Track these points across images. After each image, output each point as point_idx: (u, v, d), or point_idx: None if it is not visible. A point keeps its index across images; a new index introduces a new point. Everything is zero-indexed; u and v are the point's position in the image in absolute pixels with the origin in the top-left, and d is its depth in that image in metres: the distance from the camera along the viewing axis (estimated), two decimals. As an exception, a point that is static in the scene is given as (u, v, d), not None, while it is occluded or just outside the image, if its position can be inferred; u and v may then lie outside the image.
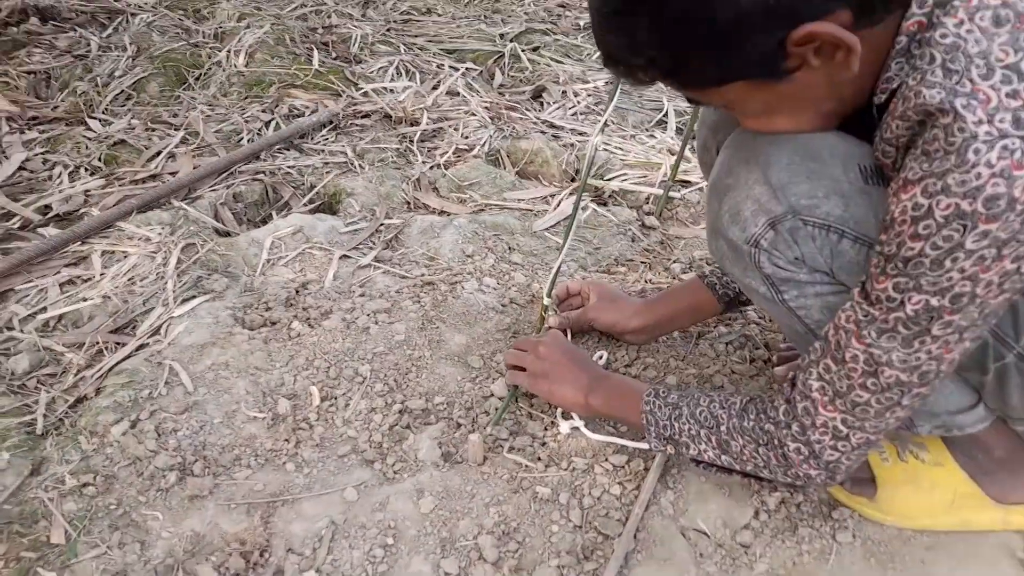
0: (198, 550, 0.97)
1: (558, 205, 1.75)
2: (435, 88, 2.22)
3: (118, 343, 1.28)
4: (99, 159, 1.76)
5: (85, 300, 1.36)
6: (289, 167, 1.80)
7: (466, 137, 1.99)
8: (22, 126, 1.89)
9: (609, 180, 1.84)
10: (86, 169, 1.73)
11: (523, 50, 2.47)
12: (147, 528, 0.99)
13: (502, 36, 2.58)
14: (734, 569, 0.98)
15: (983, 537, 1.00)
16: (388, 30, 2.59)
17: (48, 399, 1.17)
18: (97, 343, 1.27)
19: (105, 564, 0.95)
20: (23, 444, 1.09)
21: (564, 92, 2.29)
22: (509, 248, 1.58)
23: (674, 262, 1.60)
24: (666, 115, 2.21)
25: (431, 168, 1.87)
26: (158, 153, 1.79)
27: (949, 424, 0.90)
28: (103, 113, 1.98)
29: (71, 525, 0.99)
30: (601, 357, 1.29)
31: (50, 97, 2.09)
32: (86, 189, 1.65)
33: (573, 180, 1.91)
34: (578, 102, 2.23)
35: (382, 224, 1.64)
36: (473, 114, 2.08)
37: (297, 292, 1.41)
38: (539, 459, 1.11)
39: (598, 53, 0.74)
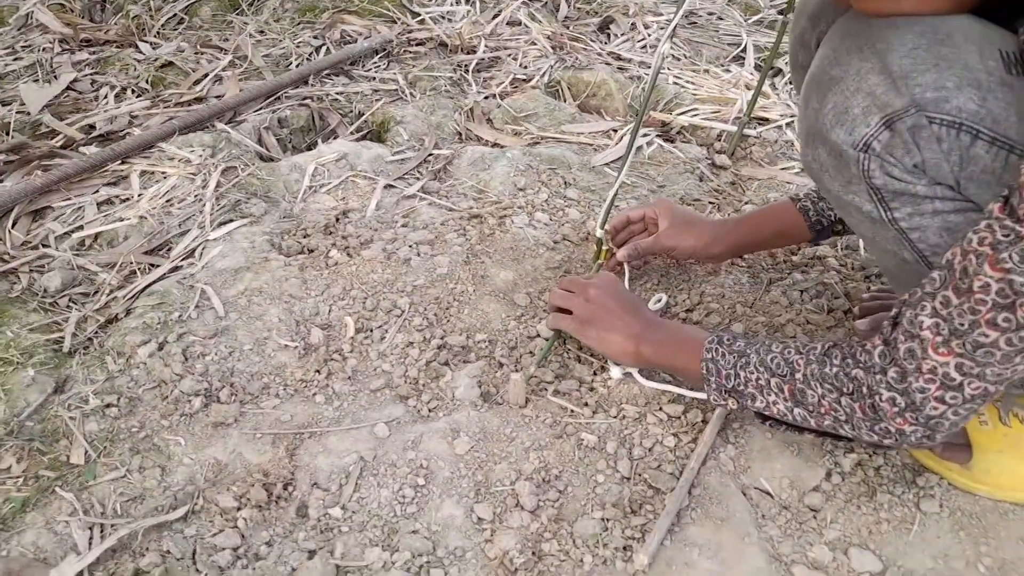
0: (219, 479, 0.92)
1: (620, 139, 1.62)
2: (495, 17, 2.09)
3: (152, 264, 1.23)
4: (146, 81, 1.71)
5: (122, 220, 1.31)
6: (338, 93, 1.71)
7: (524, 67, 1.87)
8: (73, 47, 1.86)
9: (679, 115, 1.69)
10: (133, 91, 1.68)
11: (590, -21, 2.31)
12: (168, 453, 0.94)
13: (568, -36, 2.41)
14: (800, 534, 0.87)
15: (1097, 517, 0.86)
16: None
17: (79, 318, 1.13)
18: (131, 263, 1.23)
19: (123, 488, 0.90)
20: (49, 362, 1.05)
21: (633, 24, 2.13)
22: (565, 183, 1.47)
23: (746, 203, 1.46)
24: (744, 50, 2.04)
25: (486, 98, 1.76)
26: (205, 76, 1.72)
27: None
28: (154, 36, 1.93)
29: (91, 446, 0.95)
30: (660, 300, 1.18)
31: (104, 20, 2.05)
32: (131, 110, 1.60)
33: (639, 115, 1.77)
34: (648, 34, 2.08)
35: (431, 154, 1.55)
36: (533, 43, 1.95)
37: (337, 220, 1.34)
38: (586, 404, 1.02)
39: None
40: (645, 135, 1.63)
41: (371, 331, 1.12)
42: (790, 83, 1.88)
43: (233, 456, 0.94)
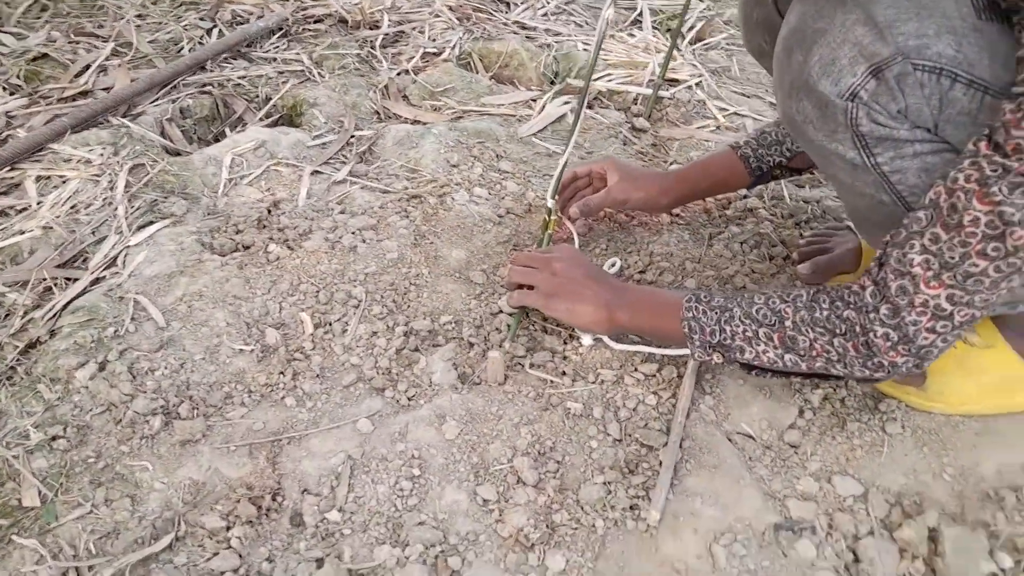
0: (200, 500, 0.86)
1: (542, 109, 1.62)
2: (391, -11, 2.02)
3: (68, 278, 1.12)
4: (18, 76, 1.54)
5: (23, 232, 1.18)
6: (240, 78, 1.61)
7: (433, 40, 1.82)
8: (-82, 44, 1.64)
9: (594, 80, 1.71)
10: (4, 88, 1.50)
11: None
12: (136, 481, 0.87)
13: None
14: (786, 470, 0.92)
15: (1031, 419, 0.96)
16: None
17: (-5, 346, 1.01)
18: (44, 279, 1.11)
19: (92, 524, 0.83)
20: (-27, 397, 0.94)
21: (530, -8, 2.12)
22: (496, 156, 1.46)
23: (671, 163, 1.50)
24: (640, 14, 2.07)
25: (398, 74, 1.70)
26: (87, 67, 1.57)
27: (1017, 299, 0.83)
28: (15, 26, 1.73)
29: (44, 484, 0.86)
30: (615, 264, 1.19)
31: (-53, 12, 1.82)
32: (7, 110, 1.43)
33: (552, 83, 1.77)
34: (547, 2, 2.07)
35: (352, 136, 1.49)
36: (438, 15, 1.91)
37: (269, 212, 1.26)
38: (564, 374, 1.02)
39: None
40: (566, 102, 1.63)
41: (330, 325, 1.08)
42: (693, 44, 1.94)
43: (209, 473, 0.88)
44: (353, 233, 1.22)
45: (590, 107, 1.66)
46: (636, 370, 1.03)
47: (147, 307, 1.06)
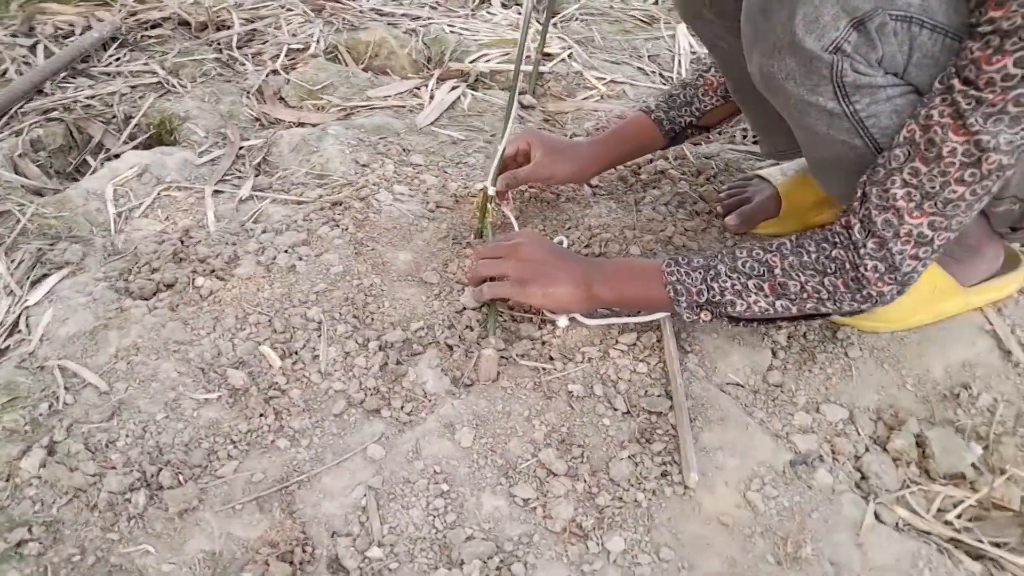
0: (222, 572, 0.77)
1: (432, 96, 1.58)
2: (228, -15, 1.86)
3: (-37, 357, 0.95)
4: None
5: None
6: (88, 98, 1.42)
7: (294, 35, 1.71)
8: None
9: (471, 62, 1.69)
10: None
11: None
12: (139, 568, 0.76)
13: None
14: (778, 407, 0.98)
15: (953, 321, 1.09)
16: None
17: None
18: (-69, 363, 0.93)
19: (104, 629, 0.71)
20: None
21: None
22: (404, 150, 1.40)
23: (571, 137, 1.53)
24: (490, -9, 2.07)
25: (268, 76, 1.58)
26: None
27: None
28: None
29: (26, 598, 0.73)
30: (561, 243, 1.20)
31: None
32: None
33: (427, 69, 1.73)
34: (396, -14, 2.01)
35: (241, 148, 1.37)
36: (290, 9, 1.79)
37: (182, 243, 1.14)
38: (551, 359, 1.02)
39: None
40: (454, 87, 1.60)
41: (297, 354, 0.99)
42: (552, 18, 1.97)
43: (223, 540, 0.79)
44: (286, 252, 1.13)
45: (475, 89, 1.65)
46: (617, 343, 1.05)
47: (79, 372, 0.92)
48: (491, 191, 1.15)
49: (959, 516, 0.86)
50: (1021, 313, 1.10)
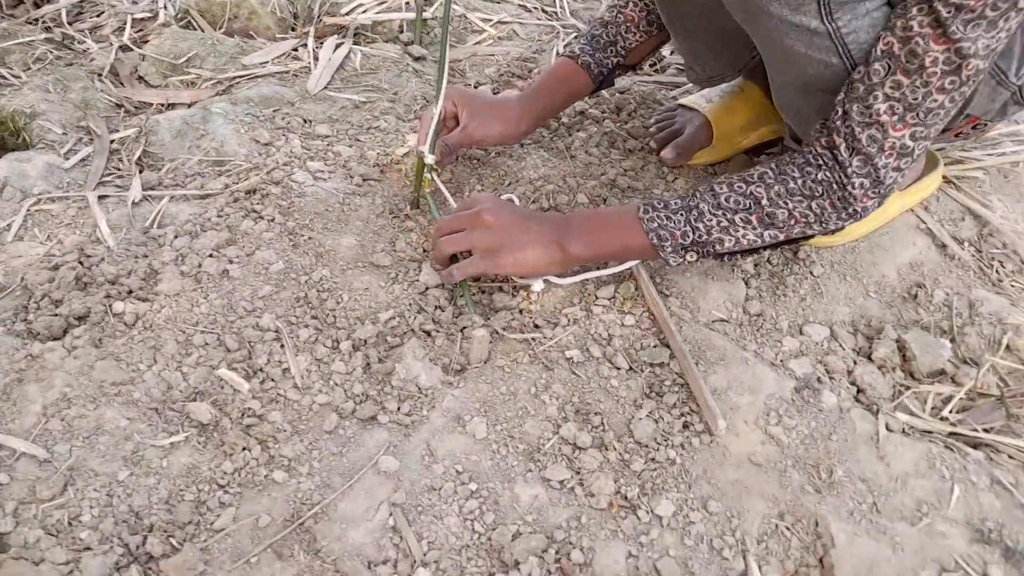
0: (259, 638, 0.67)
1: (316, 58, 1.42)
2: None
3: None
4: None
5: None
6: None
7: (135, 2, 1.47)
8: None
9: (346, 14, 1.54)
10: None
11: None
12: (157, 660, 0.64)
13: None
14: (765, 336, 0.99)
15: (891, 226, 1.14)
16: None
17: None
18: None
19: None
20: None
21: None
22: (304, 120, 1.26)
23: (474, 86, 1.44)
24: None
25: (117, 53, 1.35)
26: None
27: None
28: None
29: None
30: (512, 201, 1.13)
31: None
32: None
33: (293, 28, 1.56)
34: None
35: (112, 141, 1.17)
36: (123, -29, 1.53)
37: (81, 264, 0.96)
38: (537, 327, 0.97)
39: None
40: (339, 44, 1.45)
41: (262, 371, 0.87)
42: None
43: (248, 602, 0.69)
44: (210, 256, 0.99)
45: (358, 44, 1.50)
46: (597, 299, 1.01)
47: (5, 443, 0.76)
48: (429, 159, 1.05)
49: (952, 411, 0.92)
50: (943, 208, 1.18)
